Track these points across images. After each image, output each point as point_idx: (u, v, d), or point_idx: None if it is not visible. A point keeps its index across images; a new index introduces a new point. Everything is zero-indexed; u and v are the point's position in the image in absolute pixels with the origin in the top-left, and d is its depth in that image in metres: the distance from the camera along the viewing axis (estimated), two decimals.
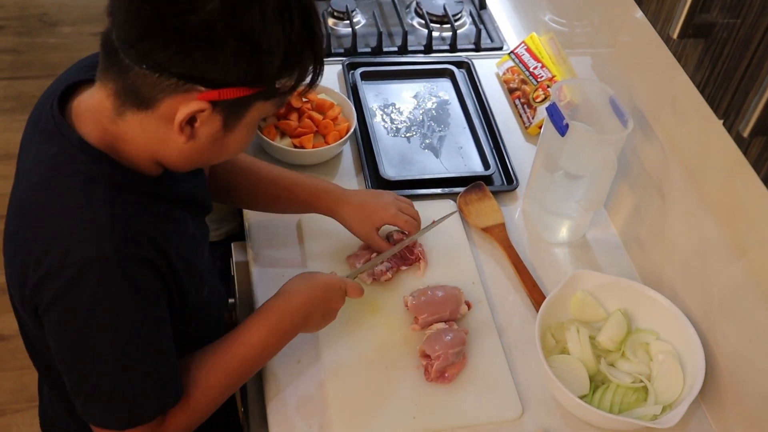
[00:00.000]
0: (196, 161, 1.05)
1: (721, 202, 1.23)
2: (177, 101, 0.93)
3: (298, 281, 1.21)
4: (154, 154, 1.02)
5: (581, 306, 1.34)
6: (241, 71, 0.92)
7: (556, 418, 1.25)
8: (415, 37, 1.96)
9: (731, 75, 0.70)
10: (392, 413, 1.21)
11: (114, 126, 0.99)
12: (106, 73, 0.96)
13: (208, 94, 0.93)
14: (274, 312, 1.17)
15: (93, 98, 1.00)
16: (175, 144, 0.98)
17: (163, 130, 0.97)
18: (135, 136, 0.99)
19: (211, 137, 0.99)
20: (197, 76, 0.91)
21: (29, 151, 1.05)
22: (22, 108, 3.13)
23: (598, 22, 1.66)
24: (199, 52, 0.90)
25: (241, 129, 1.01)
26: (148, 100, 0.94)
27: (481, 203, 1.53)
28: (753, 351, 1.17)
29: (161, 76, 0.91)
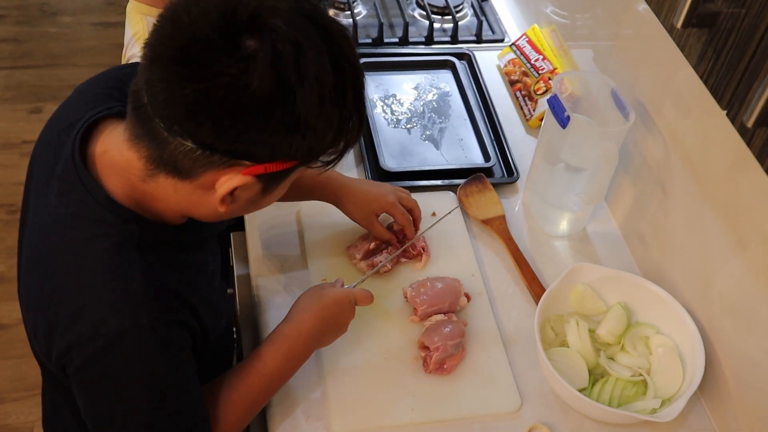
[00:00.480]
0: (225, 218, 1.03)
1: (722, 196, 1.23)
2: (219, 174, 0.90)
3: (307, 301, 1.18)
4: (185, 213, 1.00)
5: (581, 299, 1.33)
6: (292, 148, 0.89)
7: (555, 410, 1.24)
8: (416, 28, 1.95)
9: (735, 65, 0.70)
10: (391, 404, 1.21)
11: (144, 185, 0.95)
12: (139, 139, 0.91)
13: (254, 169, 0.90)
14: (287, 338, 1.15)
15: (122, 155, 0.95)
16: (210, 207, 0.95)
17: (199, 195, 0.94)
18: (167, 196, 0.95)
19: (249, 200, 0.97)
20: (243, 152, 0.88)
21: (46, 197, 1.00)
22: (22, 97, 3.13)
23: (600, 14, 1.65)
24: (247, 130, 0.86)
25: (278, 190, 0.99)
26: (188, 172, 0.90)
27: (482, 195, 1.52)
28: (753, 345, 1.17)
29: (204, 152, 0.87)
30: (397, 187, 1.43)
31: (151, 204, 0.97)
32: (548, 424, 1.22)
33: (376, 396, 1.22)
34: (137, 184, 0.95)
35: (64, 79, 3.24)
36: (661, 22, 0.79)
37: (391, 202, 1.37)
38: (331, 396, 1.21)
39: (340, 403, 1.20)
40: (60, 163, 0.99)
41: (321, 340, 1.19)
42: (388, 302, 1.34)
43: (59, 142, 1.01)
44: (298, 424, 1.18)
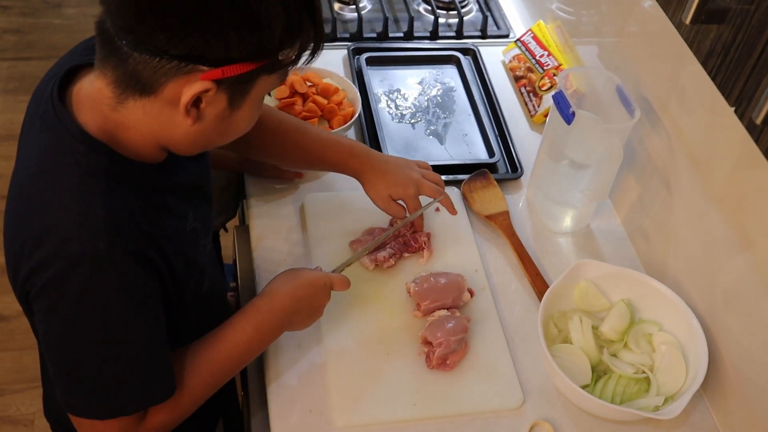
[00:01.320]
0: (203, 143, 1.04)
1: (727, 194, 1.23)
2: (180, 84, 0.91)
3: (282, 280, 1.19)
4: (159, 139, 1.00)
5: (584, 296, 1.33)
6: (243, 46, 0.90)
7: (557, 407, 1.24)
8: (421, 23, 1.95)
9: (744, 62, 0.69)
10: (393, 399, 1.21)
11: (115, 114, 0.97)
12: (104, 62, 0.94)
13: (211, 74, 0.91)
14: (259, 311, 1.16)
15: (93, 86, 0.98)
16: (181, 127, 0.96)
17: (168, 114, 0.95)
18: (137, 123, 0.97)
19: (218, 117, 0.97)
20: (198, 56, 0.89)
21: (29, 136, 1.04)
22: (25, 89, 3.12)
23: (605, 10, 1.65)
24: (198, 32, 0.88)
25: (248, 105, 0.99)
26: (150, 85, 0.92)
27: (486, 191, 1.52)
28: (756, 343, 1.17)
29: (161, 60, 0.89)
30: (420, 163, 1.42)
31: (124, 135, 0.99)
32: (551, 420, 1.22)
33: (379, 391, 1.22)
34: (109, 115, 0.97)
35: None
36: (669, 18, 0.79)
37: (410, 195, 1.36)
38: (333, 390, 1.21)
39: (342, 397, 1.20)
40: (42, 105, 1.02)
41: (293, 319, 1.19)
42: (391, 297, 1.34)
43: (44, 89, 1.04)
44: (300, 418, 1.18)
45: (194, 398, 1.10)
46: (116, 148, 0.99)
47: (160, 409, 1.05)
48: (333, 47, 1.83)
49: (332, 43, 1.84)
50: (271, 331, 1.18)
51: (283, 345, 1.26)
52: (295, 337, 1.27)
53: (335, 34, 1.87)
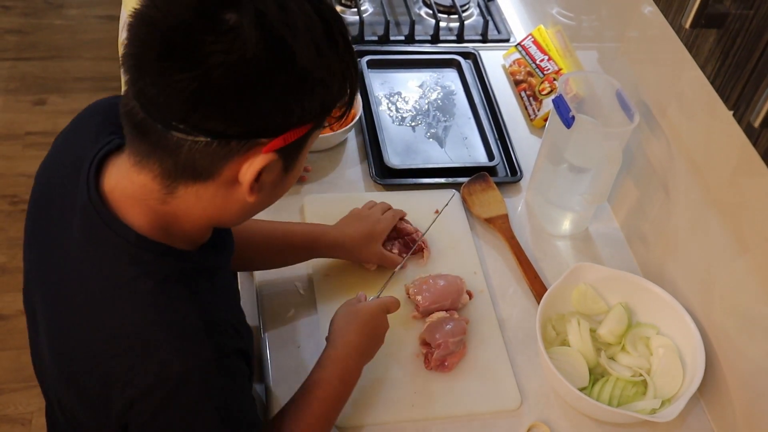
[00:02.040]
0: (255, 212, 0.99)
1: (725, 199, 1.23)
2: (238, 162, 0.86)
3: (346, 320, 1.17)
4: (212, 220, 0.95)
5: (582, 298, 1.34)
6: (304, 110, 0.86)
7: (555, 409, 1.25)
8: (422, 26, 1.96)
9: (743, 66, 0.70)
10: (391, 400, 1.22)
11: (165, 206, 0.90)
12: (148, 156, 0.87)
13: (272, 144, 0.85)
14: (339, 362, 1.13)
15: (133, 183, 0.90)
16: (238, 203, 0.91)
17: (223, 194, 0.89)
18: (189, 209, 0.91)
19: (273, 183, 0.92)
20: (258, 130, 0.84)
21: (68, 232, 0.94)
22: (26, 89, 3.13)
23: (605, 16, 1.66)
24: (257, 107, 0.82)
25: (298, 165, 0.94)
26: (208, 171, 0.86)
27: (485, 194, 1.53)
28: (753, 348, 1.17)
29: (220, 142, 0.83)
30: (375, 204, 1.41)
31: (175, 226, 0.93)
32: (548, 422, 1.23)
33: (377, 391, 1.22)
34: (158, 209, 0.91)
35: (68, 71, 3.24)
36: (669, 23, 0.80)
37: (386, 225, 1.36)
38: None
39: None
40: (73, 211, 0.94)
41: (367, 355, 1.18)
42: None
43: (66, 189, 0.97)
44: None
45: None
46: (171, 242, 0.93)
47: None
48: None
49: None
50: (355, 377, 1.16)
51: (282, 345, 1.26)
52: (294, 338, 1.28)
53: None
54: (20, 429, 2.20)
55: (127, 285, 0.89)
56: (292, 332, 1.29)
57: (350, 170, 1.57)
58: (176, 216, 0.92)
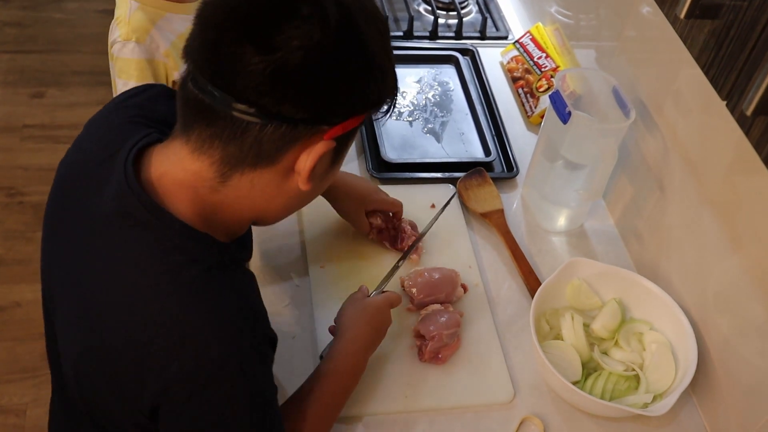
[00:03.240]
0: (296, 208, 1.02)
1: (719, 197, 1.24)
2: (300, 149, 0.89)
3: (354, 314, 1.19)
4: (257, 212, 0.98)
5: (577, 293, 1.34)
6: (365, 97, 0.89)
7: (548, 403, 1.25)
8: (421, 23, 1.97)
9: (736, 56, 0.71)
10: (385, 392, 1.22)
11: (214, 195, 0.92)
12: (209, 141, 0.88)
13: (333, 131, 0.88)
14: (348, 356, 1.15)
15: (186, 171, 0.91)
16: (288, 193, 0.94)
17: (277, 182, 0.92)
18: (239, 199, 0.93)
19: (323, 175, 0.95)
20: (324, 116, 0.87)
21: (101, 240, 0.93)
22: (25, 82, 3.14)
23: (603, 15, 1.67)
24: (327, 92, 0.86)
25: (342, 157, 0.97)
26: (271, 156, 0.88)
27: (481, 189, 1.53)
28: (745, 344, 1.18)
29: (287, 127, 0.86)
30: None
31: (219, 216, 0.94)
32: (540, 415, 1.23)
33: (371, 383, 1.22)
34: (207, 197, 0.92)
35: (67, 64, 3.24)
36: (664, 14, 0.80)
37: (381, 199, 1.38)
38: None
39: None
40: (110, 202, 0.93)
41: (372, 349, 1.20)
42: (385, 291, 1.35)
43: (99, 178, 0.96)
44: None
45: None
46: (214, 233, 0.94)
47: None
48: None
49: None
50: (361, 366, 1.17)
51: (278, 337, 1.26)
52: (289, 329, 1.28)
53: None
54: (14, 420, 2.20)
55: (171, 272, 0.90)
56: (288, 323, 1.29)
57: (347, 164, 1.57)
58: (222, 206, 0.93)
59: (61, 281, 1.01)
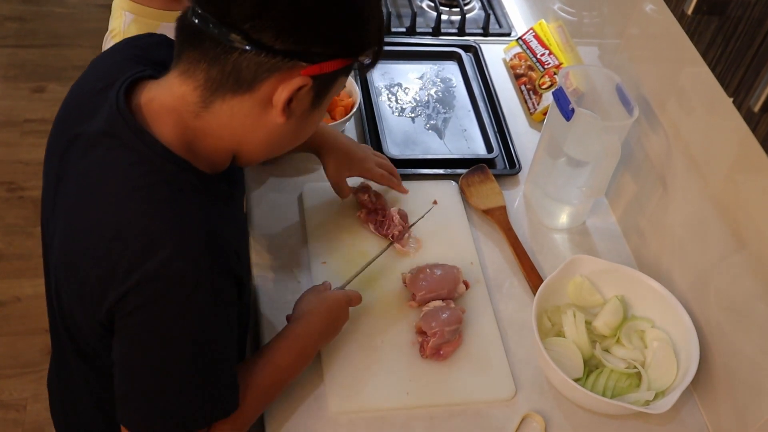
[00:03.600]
0: (276, 147, 1.04)
1: (722, 195, 1.24)
2: (278, 80, 0.92)
3: (312, 302, 1.21)
4: (238, 144, 1.00)
5: (579, 291, 1.34)
6: (344, 42, 0.93)
7: (549, 400, 1.25)
8: (424, 19, 1.96)
9: (744, 53, 0.70)
10: (386, 388, 1.22)
11: (197, 121, 0.96)
12: (195, 65, 0.93)
13: (311, 69, 0.92)
14: (300, 337, 1.17)
15: (172, 94, 0.97)
16: (266, 127, 0.97)
17: (256, 114, 0.96)
18: (220, 127, 0.97)
19: (302, 116, 0.99)
20: (303, 51, 0.91)
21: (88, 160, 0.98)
22: (26, 76, 3.13)
23: (607, 12, 1.66)
24: (308, 28, 0.90)
25: (323, 105, 1.01)
26: (249, 82, 0.92)
27: (483, 185, 1.53)
28: (747, 342, 1.18)
29: (267, 55, 0.90)
30: (374, 151, 1.47)
31: (201, 144, 0.98)
32: (542, 413, 1.23)
33: (373, 379, 1.23)
34: (190, 123, 0.97)
35: (68, 59, 3.24)
36: (671, 10, 0.80)
37: (368, 168, 1.40)
38: (327, 376, 1.22)
39: (337, 383, 1.21)
40: (99, 123, 0.98)
41: (324, 341, 1.22)
42: (386, 287, 1.35)
43: (94, 105, 1.01)
44: (294, 403, 1.19)
45: (249, 417, 1.09)
46: (194, 161, 0.98)
47: (223, 425, 1.03)
48: None
49: None
50: (310, 353, 1.19)
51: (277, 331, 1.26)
52: None
53: None
54: (15, 415, 2.20)
55: (145, 189, 0.94)
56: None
57: None
58: (204, 133, 0.98)
59: (53, 206, 1.05)
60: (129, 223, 0.93)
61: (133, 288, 0.91)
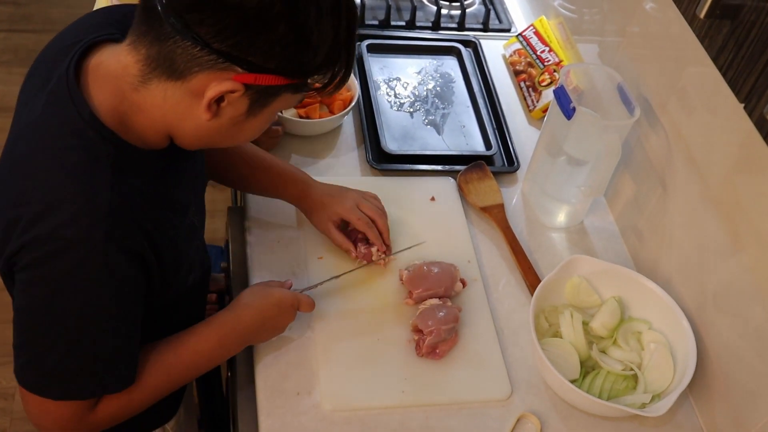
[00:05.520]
0: (207, 141, 1.04)
1: (722, 197, 1.23)
2: (210, 77, 0.92)
3: (252, 297, 1.20)
4: (169, 128, 1.00)
5: (576, 291, 1.33)
6: (284, 61, 0.92)
7: (545, 400, 1.25)
8: (424, 13, 1.95)
9: (756, 59, 0.69)
10: (381, 385, 1.21)
11: (134, 94, 0.96)
12: (141, 37, 0.93)
13: (244, 77, 0.91)
14: (225, 325, 1.17)
15: (118, 62, 0.97)
16: (195, 120, 0.97)
17: (187, 103, 0.95)
18: (153, 107, 0.97)
19: (233, 120, 0.98)
20: (238, 57, 0.90)
21: (34, 107, 1.01)
22: (20, 61, 3.10)
23: (607, 10, 1.65)
24: (247, 34, 0.89)
25: (262, 116, 1.00)
26: (181, 71, 0.92)
27: (481, 183, 1.52)
28: (744, 346, 1.17)
29: (202, 50, 0.89)
30: (365, 192, 1.38)
31: (135, 118, 0.98)
32: (537, 413, 1.22)
33: (368, 376, 1.22)
34: (127, 93, 0.96)
35: None
36: (681, 13, 0.79)
37: (347, 208, 1.34)
38: (322, 373, 1.21)
39: (331, 380, 1.20)
40: (53, 78, 0.99)
41: (256, 337, 1.21)
42: (383, 284, 1.34)
43: (55, 60, 1.01)
44: (288, 400, 1.18)
45: (147, 396, 1.10)
46: (124, 133, 0.98)
47: (113, 400, 1.06)
48: None
49: None
50: (233, 345, 1.19)
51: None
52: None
53: None
54: (3, 403, 2.18)
55: (62, 151, 0.96)
56: None
57: (347, 154, 1.56)
58: (138, 109, 0.97)
59: None
60: (35, 181, 0.95)
61: (27, 245, 0.93)
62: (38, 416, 1.03)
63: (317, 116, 1.53)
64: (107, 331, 1.00)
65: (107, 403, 1.05)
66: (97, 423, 1.06)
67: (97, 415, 1.05)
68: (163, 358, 1.10)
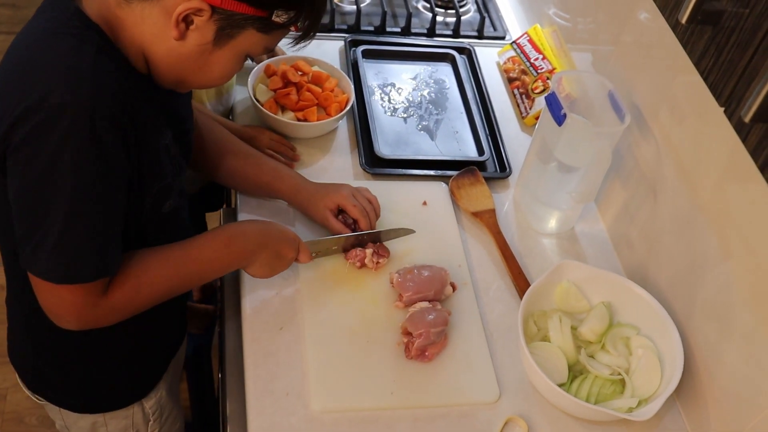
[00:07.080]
0: (178, 70, 1.07)
1: (711, 205, 1.24)
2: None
3: (258, 220, 1.28)
4: (146, 51, 1.05)
5: (565, 296, 1.34)
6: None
7: (533, 404, 1.25)
8: (419, 19, 1.96)
9: (736, 63, 0.71)
10: (370, 387, 1.22)
11: (118, 9, 1.02)
12: None
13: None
14: (230, 229, 1.21)
15: None
16: (166, 42, 1.02)
17: (161, 24, 1.01)
18: (133, 26, 1.03)
19: (200, 47, 1.03)
20: None
21: (34, 21, 1.07)
22: None
23: (601, 19, 1.66)
24: None
25: (228, 52, 1.05)
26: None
27: (473, 188, 1.53)
28: (731, 352, 1.18)
29: None
30: (358, 187, 1.42)
31: (120, 34, 1.04)
32: (525, 417, 1.23)
33: (357, 378, 1.22)
34: (112, 8, 1.02)
35: None
36: (665, 18, 0.80)
37: (343, 195, 1.37)
38: (311, 374, 1.21)
39: (320, 382, 1.21)
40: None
41: (260, 255, 1.23)
42: (373, 287, 1.34)
43: None
44: (277, 401, 1.19)
45: (155, 289, 1.14)
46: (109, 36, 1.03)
47: (124, 289, 1.09)
48: (330, 38, 1.84)
49: (329, 34, 1.85)
50: (239, 255, 1.22)
51: (263, 326, 1.26)
52: (276, 320, 1.28)
53: (333, 25, 1.87)
54: None
55: (51, 38, 1.01)
56: (275, 313, 1.29)
57: (340, 158, 1.57)
58: (121, 25, 1.03)
59: None
60: (27, 65, 1.00)
61: (18, 121, 0.96)
62: (55, 306, 1.07)
63: (315, 119, 1.55)
64: (100, 204, 1.02)
65: (115, 291, 1.08)
66: (111, 309, 1.10)
67: (109, 301, 1.08)
68: (171, 257, 1.15)
